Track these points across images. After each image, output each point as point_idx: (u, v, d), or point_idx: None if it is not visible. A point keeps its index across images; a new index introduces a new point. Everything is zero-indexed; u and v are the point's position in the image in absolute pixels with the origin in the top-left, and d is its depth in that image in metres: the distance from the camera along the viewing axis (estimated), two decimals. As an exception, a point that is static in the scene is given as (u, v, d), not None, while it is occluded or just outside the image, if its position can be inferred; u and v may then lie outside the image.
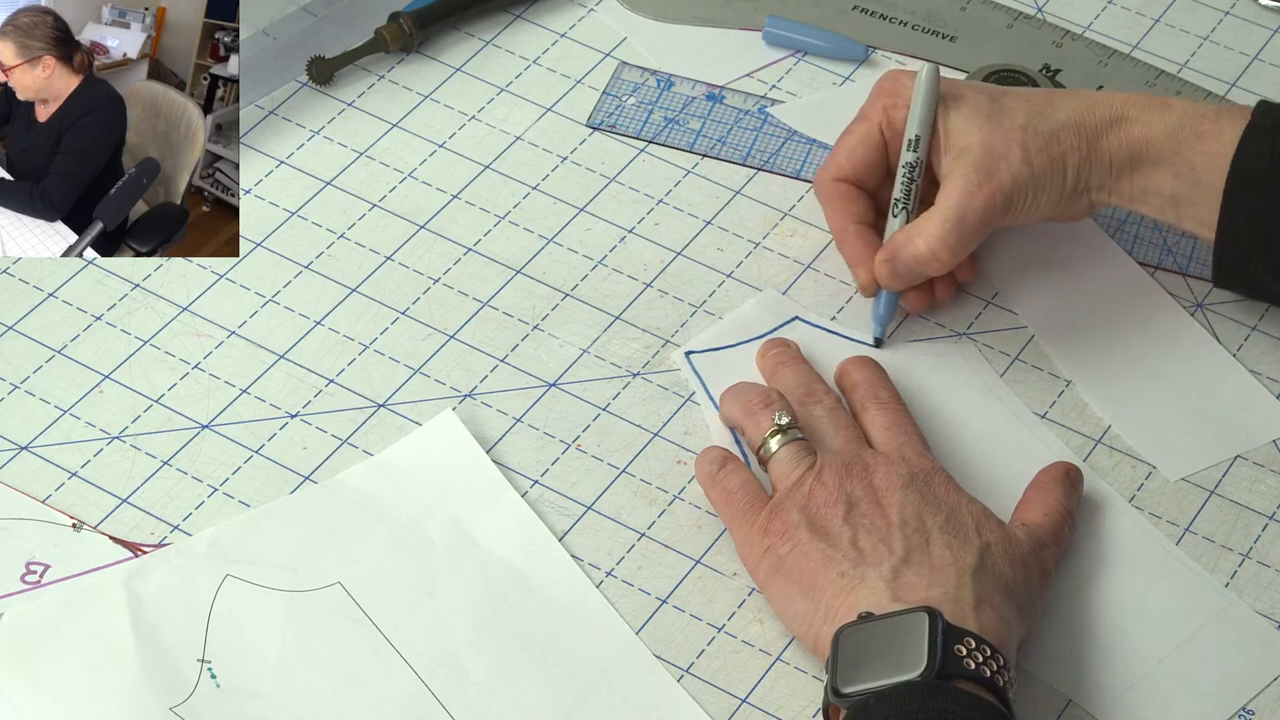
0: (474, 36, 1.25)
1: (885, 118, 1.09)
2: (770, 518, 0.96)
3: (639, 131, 1.20)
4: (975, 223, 1.05)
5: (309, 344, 1.08)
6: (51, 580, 0.97)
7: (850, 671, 0.89)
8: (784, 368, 1.05)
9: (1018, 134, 1.05)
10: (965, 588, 0.92)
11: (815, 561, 0.94)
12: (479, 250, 1.13)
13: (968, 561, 0.93)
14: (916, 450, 0.99)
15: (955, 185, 1.05)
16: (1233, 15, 1.29)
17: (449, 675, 0.94)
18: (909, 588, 0.92)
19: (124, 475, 1.01)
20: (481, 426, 1.04)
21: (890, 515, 0.95)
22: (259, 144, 1.17)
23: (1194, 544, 1.02)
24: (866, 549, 0.94)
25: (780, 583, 0.95)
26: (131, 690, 0.92)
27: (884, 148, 1.09)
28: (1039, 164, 1.05)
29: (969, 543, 0.94)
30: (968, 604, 0.91)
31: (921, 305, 1.10)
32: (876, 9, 1.27)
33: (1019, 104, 1.06)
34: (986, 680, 0.88)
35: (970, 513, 0.96)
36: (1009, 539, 0.96)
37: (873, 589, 0.92)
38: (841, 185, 1.09)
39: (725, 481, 0.99)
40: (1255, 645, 0.98)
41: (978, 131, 1.05)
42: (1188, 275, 1.13)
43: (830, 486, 0.96)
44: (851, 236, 1.09)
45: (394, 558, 0.98)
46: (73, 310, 1.08)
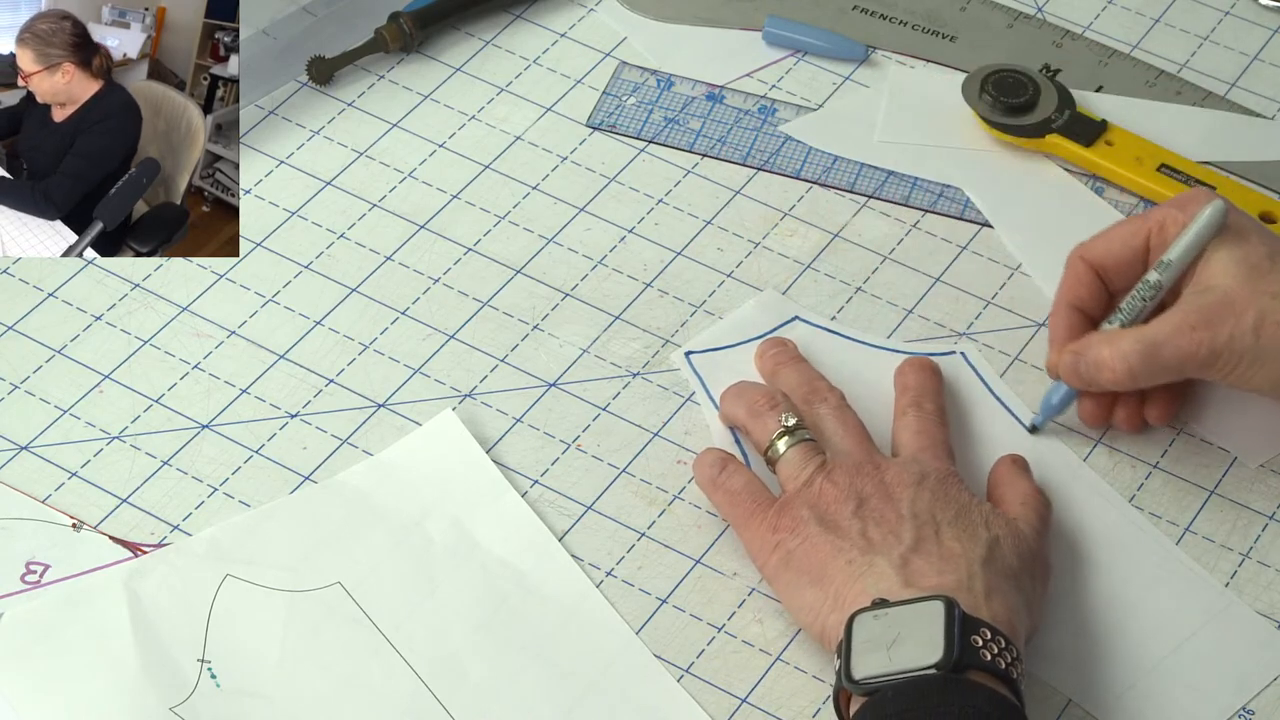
0: (474, 36, 1.25)
1: (1160, 226, 1.03)
2: (780, 514, 0.96)
3: (639, 131, 1.20)
4: (1169, 360, 0.99)
5: (309, 344, 1.08)
6: (51, 580, 0.96)
7: (864, 657, 0.88)
8: (784, 367, 1.05)
9: (1265, 298, 0.98)
10: (977, 577, 0.92)
11: (824, 552, 0.94)
12: (479, 250, 1.13)
13: (978, 552, 0.93)
14: (934, 454, 0.99)
15: (1172, 316, 1.00)
16: (1233, 15, 1.29)
17: (449, 675, 0.94)
18: (920, 574, 0.92)
19: (124, 475, 1.01)
20: (481, 426, 1.04)
21: (900, 509, 0.95)
22: (259, 144, 1.17)
23: (1194, 544, 1.02)
24: (875, 538, 0.94)
25: (790, 575, 0.95)
26: (131, 690, 0.92)
27: (1144, 254, 1.03)
28: (1268, 338, 0.98)
29: (978, 536, 0.94)
30: (980, 593, 0.91)
31: (1096, 419, 1.05)
32: (876, 9, 1.27)
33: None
34: (1002, 672, 0.88)
35: (980, 510, 0.96)
36: (1017, 533, 0.96)
37: (882, 575, 0.92)
38: (1083, 265, 1.05)
39: (728, 483, 0.99)
40: (1255, 645, 0.98)
41: (1230, 277, 0.99)
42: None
43: (841, 485, 0.96)
44: (1062, 315, 1.04)
45: (394, 558, 0.98)
46: (73, 310, 1.08)
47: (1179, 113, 1.22)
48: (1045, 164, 1.19)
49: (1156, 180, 1.17)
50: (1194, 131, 1.21)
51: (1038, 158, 1.19)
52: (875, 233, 1.15)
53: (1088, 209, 1.17)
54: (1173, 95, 1.23)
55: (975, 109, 1.20)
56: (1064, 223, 1.16)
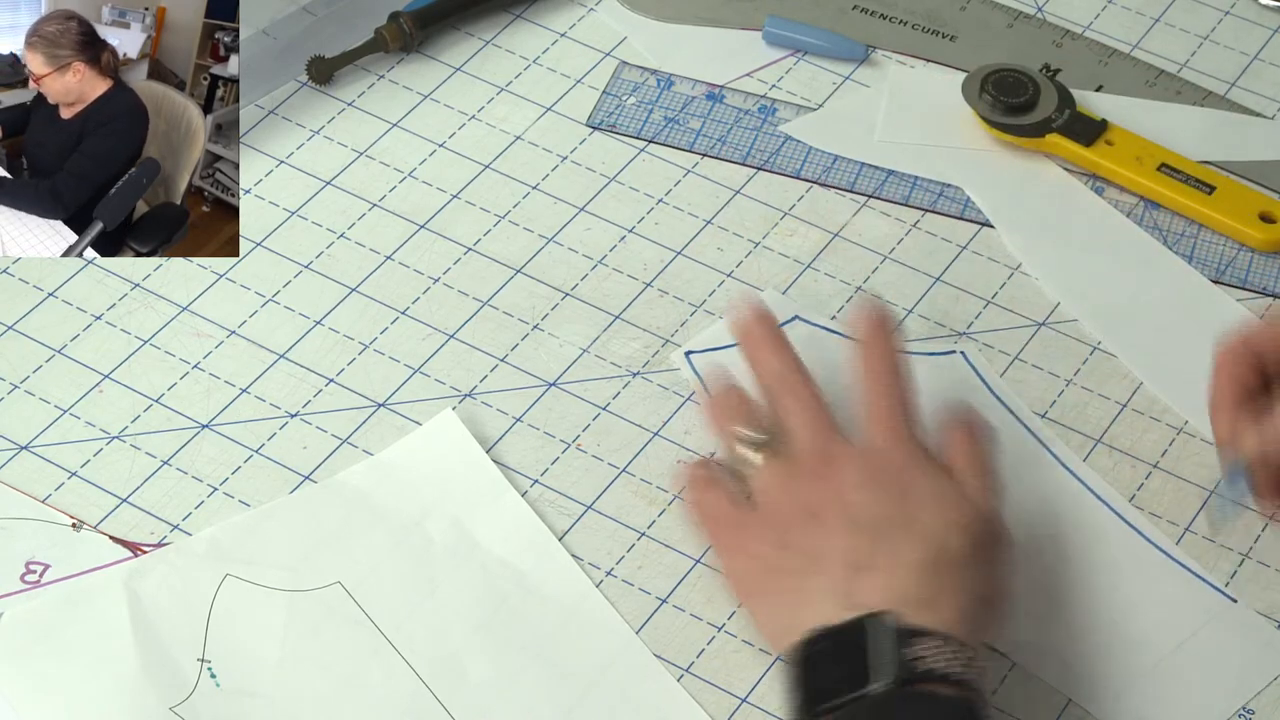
0: (474, 36, 1.25)
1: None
2: (738, 534, 0.95)
3: (639, 131, 1.20)
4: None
5: (309, 344, 1.08)
6: (51, 580, 0.97)
7: (810, 688, 0.87)
8: (764, 350, 1.01)
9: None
10: (924, 583, 0.89)
11: (775, 577, 0.92)
12: (479, 250, 1.13)
13: (926, 553, 0.90)
14: (892, 432, 0.95)
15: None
16: (1233, 15, 1.29)
17: (449, 675, 0.94)
18: (863, 591, 0.89)
19: (124, 475, 1.01)
20: (481, 426, 1.04)
21: (850, 513, 0.92)
22: (259, 144, 1.17)
23: (1194, 544, 1.02)
24: (822, 555, 0.91)
25: (752, 603, 0.94)
26: (131, 690, 0.92)
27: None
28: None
29: (928, 531, 0.91)
30: (926, 600, 0.89)
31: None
32: (876, 9, 1.27)
33: None
34: (955, 675, 0.86)
35: (933, 493, 0.92)
36: (970, 511, 0.92)
37: (825, 597, 0.90)
38: (1247, 351, 0.99)
39: (701, 502, 0.97)
40: (1255, 645, 0.98)
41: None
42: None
43: (792, 494, 0.94)
44: (1228, 402, 0.99)
45: (394, 558, 0.98)
46: (73, 310, 1.08)
47: (1179, 112, 1.22)
48: (1045, 164, 1.19)
49: (1156, 180, 1.17)
50: (1194, 131, 1.21)
51: (1038, 157, 1.20)
52: (875, 232, 1.15)
53: (1088, 209, 1.17)
54: (1173, 95, 1.23)
55: (975, 109, 1.20)
56: (1064, 223, 1.16)
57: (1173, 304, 1.13)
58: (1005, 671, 0.96)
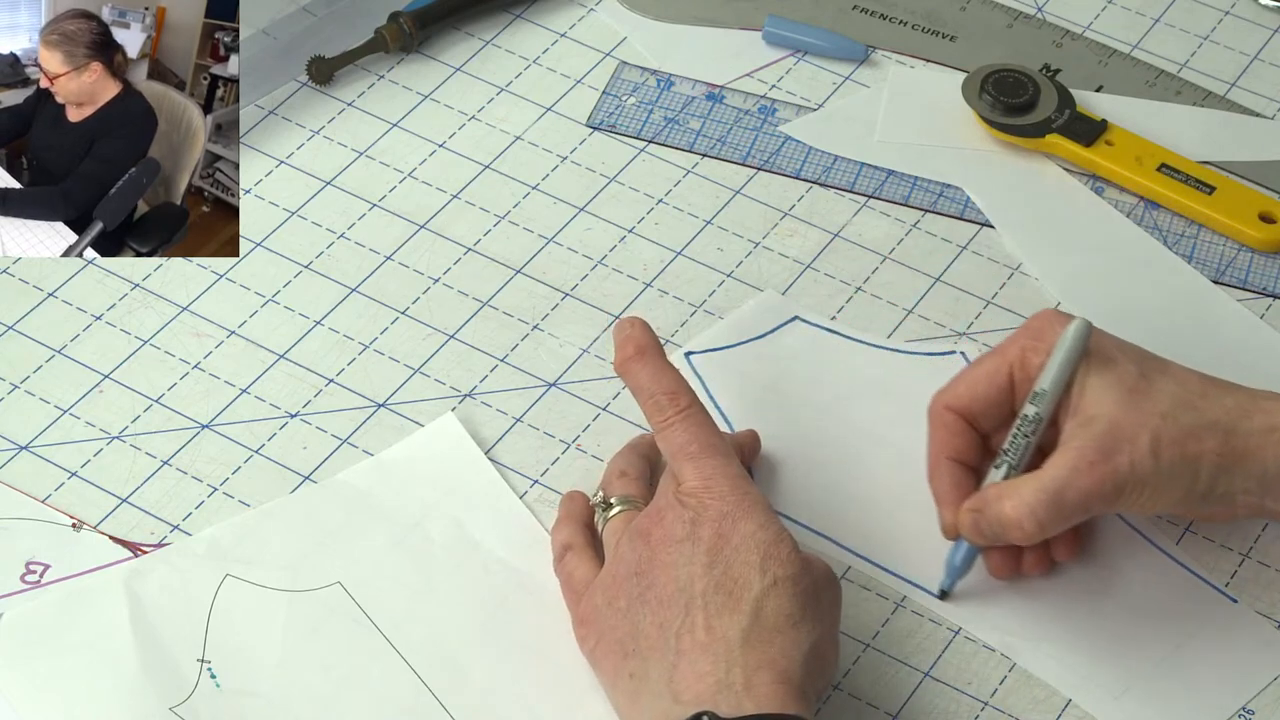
0: (474, 36, 1.25)
1: (1020, 359, 0.97)
2: (583, 606, 0.93)
3: (639, 131, 1.20)
4: (1074, 503, 0.92)
5: (309, 344, 1.08)
6: (51, 580, 0.97)
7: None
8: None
9: (1154, 420, 0.93)
10: (735, 665, 0.86)
11: (613, 661, 0.90)
12: (479, 250, 1.13)
13: (739, 626, 0.87)
14: (703, 471, 0.91)
15: (1066, 457, 0.93)
16: (1233, 15, 1.29)
17: (449, 675, 0.94)
18: (684, 680, 0.86)
19: (124, 475, 1.01)
20: (481, 426, 1.04)
21: (674, 580, 0.89)
22: (259, 144, 1.17)
23: (1194, 544, 1.02)
24: (650, 636, 0.88)
25: (605, 684, 0.91)
26: (131, 690, 0.92)
27: (1010, 390, 0.97)
28: (1167, 459, 0.93)
29: (744, 597, 0.88)
30: (739, 685, 0.86)
31: (1006, 571, 0.98)
32: (876, 9, 1.27)
33: (1168, 386, 0.95)
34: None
35: (755, 550, 0.89)
36: (793, 561, 0.89)
37: (655, 691, 0.87)
38: (950, 415, 0.98)
39: (562, 571, 0.96)
40: (1255, 645, 0.98)
41: (1113, 404, 0.94)
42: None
43: (628, 563, 0.91)
44: (943, 473, 0.97)
45: (394, 558, 0.98)
46: (73, 310, 1.08)
47: (1179, 112, 1.22)
48: (1045, 164, 1.19)
49: (1156, 180, 1.17)
50: (1194, 131, 1.21)
51: (1038, 158, 1.20)
52: (875, 233, 1.15)
53: (1088, 209, 1.17)
54: (1173, 95, 1.23)
55: (975, 109, 1.20)
56: (1064, 223, 1.16)
57: (1173, 304, 1.13)
58: (1005, 672, 0.96)
